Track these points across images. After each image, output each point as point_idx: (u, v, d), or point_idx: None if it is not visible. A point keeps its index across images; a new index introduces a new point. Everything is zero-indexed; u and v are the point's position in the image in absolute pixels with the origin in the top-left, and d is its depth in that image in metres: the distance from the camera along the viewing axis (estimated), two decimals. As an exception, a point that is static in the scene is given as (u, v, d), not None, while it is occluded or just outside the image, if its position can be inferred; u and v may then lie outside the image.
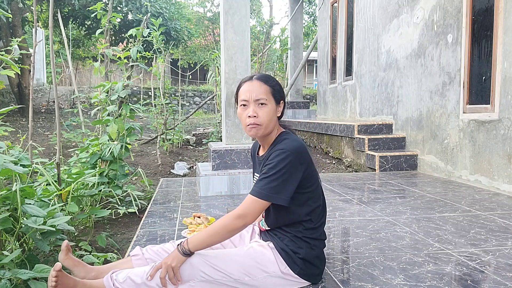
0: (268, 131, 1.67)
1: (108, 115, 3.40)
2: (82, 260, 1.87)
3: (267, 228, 1.76)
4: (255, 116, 1.62)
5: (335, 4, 7.85)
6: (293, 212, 1.65)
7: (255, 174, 1.83)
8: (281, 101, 1.69)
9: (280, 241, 1.67)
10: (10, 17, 9.55)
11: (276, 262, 1.63)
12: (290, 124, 8.49)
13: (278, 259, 1.64)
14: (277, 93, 1.67)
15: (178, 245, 1.58)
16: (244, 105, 1.65)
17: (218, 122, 7.63)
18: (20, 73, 7.91)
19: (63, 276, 1.54)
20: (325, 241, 1.78)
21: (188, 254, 1.55)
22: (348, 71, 7.24)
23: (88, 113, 9.88)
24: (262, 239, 1.78)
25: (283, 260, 1.64)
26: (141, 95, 8.83)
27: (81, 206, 2.77)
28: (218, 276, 1.57)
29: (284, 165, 1.55)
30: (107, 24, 3.76)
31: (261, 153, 1.78)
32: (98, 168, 3.19)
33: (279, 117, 1.71)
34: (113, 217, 3.23)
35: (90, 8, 3.93)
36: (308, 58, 10.05)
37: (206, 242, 1.56)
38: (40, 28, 12.61)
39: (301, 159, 1.59)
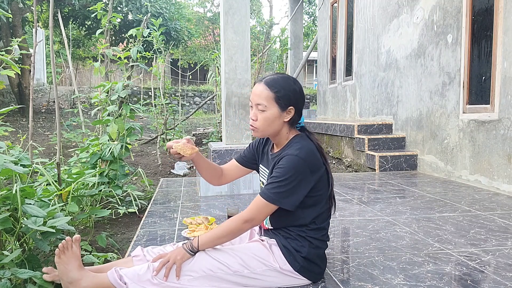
0: (267, 134, 1.70)
1: (108, 115, 3.40)
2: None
3: (270, 227, 1.77)
4: (254, 119, 1.66)
5: (335, 4, 7.85)
6: (299, 216, 1.66)
7: (262, 166, 1.84)
8: (290, 107, 1.64)
9: (284, 239, 1.68)
10: (10, 17, 9.55)
11: (275, 258, 1.65)
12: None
13: (278, 255, 1.66)
14: (282, 100, 1.62)
15: (184, 243, 1.65)
16: (251, 106, 1.69)
17: (218, 122, 7.63)
18: (20, 73, 7.92)
19: (72, 253, 1.63)
20: (327, 242, 1.78)
21: (195, 252, 1.63)
22: (348, 71, 7.24)
23: (88, 113, 9.88)
24: (265, 236, 1.79)
25: (284, 257, 1.65)
26: (141, 95, 8.82)
27: (81, 206, 2.77)
28: (217, 268, 1.59)
29: (293, 172, 1.56)
30: (107, 24, 3.75)
31: (275, 150, 1.78)
32: (98, 168, 3.19)
33: (291, 122, 1.68)
34: (113, 217, 3.24)
35: (90, 8, 3.93)
36: (308, 58, 10.05)
37: (213, 243, 1.63)
38: (40, 28, 12.62)
39: (311, 166, 1.60)
